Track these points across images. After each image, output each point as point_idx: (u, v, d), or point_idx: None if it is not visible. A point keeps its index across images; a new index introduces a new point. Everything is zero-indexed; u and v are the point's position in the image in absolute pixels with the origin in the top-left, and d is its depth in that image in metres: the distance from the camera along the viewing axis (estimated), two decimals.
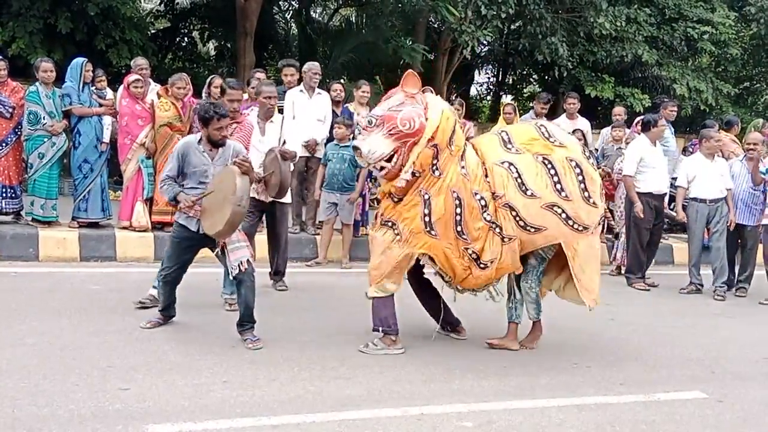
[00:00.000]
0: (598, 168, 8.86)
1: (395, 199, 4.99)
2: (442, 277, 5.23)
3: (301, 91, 8.48)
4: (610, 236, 9.38)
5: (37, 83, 7.69)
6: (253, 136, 6.24)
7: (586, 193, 5.04)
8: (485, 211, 4.92)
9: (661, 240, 10.18)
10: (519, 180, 4.96)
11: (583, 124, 9.95)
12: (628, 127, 9.75)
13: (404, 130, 4.81)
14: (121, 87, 8.25)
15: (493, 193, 4.96)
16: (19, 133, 7.68)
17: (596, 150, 9.66)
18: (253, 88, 8.59)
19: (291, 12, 18.11)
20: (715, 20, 15.48)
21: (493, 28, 13.52)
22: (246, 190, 4.92)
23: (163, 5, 17.84)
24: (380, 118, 4.90)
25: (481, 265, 5.01)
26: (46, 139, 7.64)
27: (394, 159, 4.86)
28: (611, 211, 9.33)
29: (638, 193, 8.17)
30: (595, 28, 14.11)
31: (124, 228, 7.90)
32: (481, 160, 5.06)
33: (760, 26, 16.17)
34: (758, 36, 16.99)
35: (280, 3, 17.67)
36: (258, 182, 5.75)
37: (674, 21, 15.75)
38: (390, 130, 4.82)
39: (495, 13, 12.96)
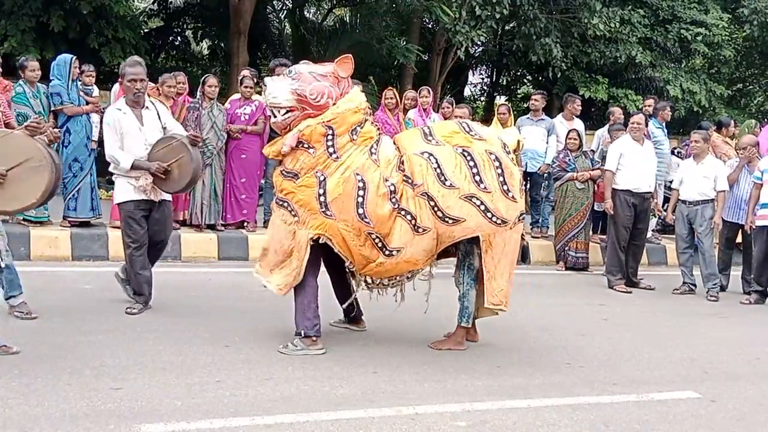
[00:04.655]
0: (597, 169, 8.97)
1: (285, 173, 4.93)
2: (344, 263, 5.11)
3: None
4: (604, 237, 9.40)
5: (21, 82, 7.62)
6: (131, 126, 5.66)
7: (505, 187, 4.97)
8: (393, 197, 4.85)
9: (657, 242, 10.25)
10: (438, 170, 4.90)
11: (578, 124, 10.00)
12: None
13: (309, 99, 4.86)
14: (117, 87, 8.21)
15: (412, 182, 4.90)
16: None
17: (592, 151, 9.69)
18: (247, 88, 8.61)
19: (285, 12, 18.12)
20: (709, 22, 15.56)
21: (487, 28, 13.56)
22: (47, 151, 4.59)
23: (156, 4, 17.84)
24: (299, 74, 4.95)
25: (386, 252, 4.90)
26: None
27: (288, 115, 4.89)
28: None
29: (615, 189, 8.23)
30: (589, 29, 14.17)
31: (116, 227, 7.85)
32: (400, 152, 5.03)
33: (753, 28, 16.25)
34: (751, 38, 17.09)
35: (274, 3, 17.67)
36: (154, 176, 5.51)
37: (668, 22, 15.83)
38: (298, 89, 4.86)
39: (489, 13, 13.00)
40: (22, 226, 7.59)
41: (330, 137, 4.86)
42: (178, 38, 18.72)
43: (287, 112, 4.90)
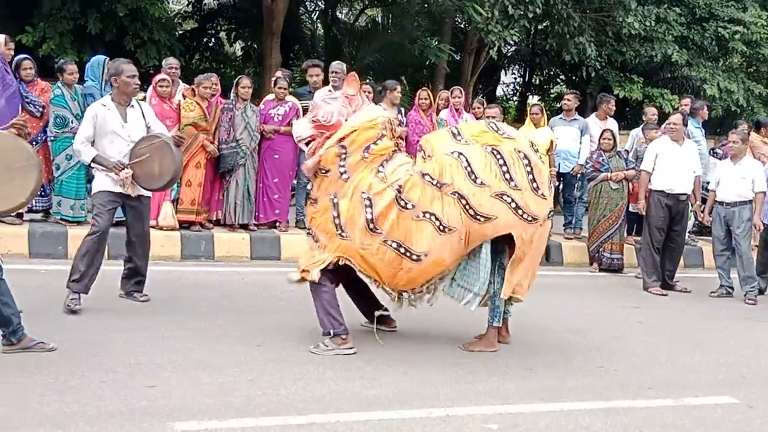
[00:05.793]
0: (632, 169, 8.87)
1: (310, 200, 5.21)
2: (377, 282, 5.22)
3: (330, 90, 8.49)
4: (639, 238, 9.28)
5: (59, 84, 7.73)
6: (113, 121, 5.71)
7: (534, 184, 5.01)
8: (400, 198, 4.89)
9: (693, 243, 10.08)
10: (468, 169, 4.94)
11: (612, 124, 9.90)
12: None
13: (322, 121, 5.14)
14: (150, 87, 8.33)
15: (438, 182, 4.94)
16: (48, 132, 7.74)
17: (626, 151, 9.57)
18: (281, 89, 8.65)
19: (317, 12, 18.17)
20: (747, 20, 15.26)
21: (520, 27, 13.45)
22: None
23: (190, 6, 18.03)
24: (314, 105, 5.42)
25: (414, 257, 4.92)
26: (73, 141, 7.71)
27: (311, 144, 5.20)
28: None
29: (650, 189, 8.16)
30: (624, 27, 13.99)
31: (151, 227, 7.93)
32: (426, 152, 5.13)
33: None
34: None
35: (307, 3, 17.74)
36: (119, 173, 5.57)
37: (705, 20, 15.57)
38: (313, 117, 5.23)
39: (522, 12, 12.90)
40: (60, 225, 7.72)
41: (343, 156, 5.00)
42: (212, 40, 18.90)
43: (309, 142, 5.20)
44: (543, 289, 5.85)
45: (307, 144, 5.24)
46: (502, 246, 5.14)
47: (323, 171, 5.06)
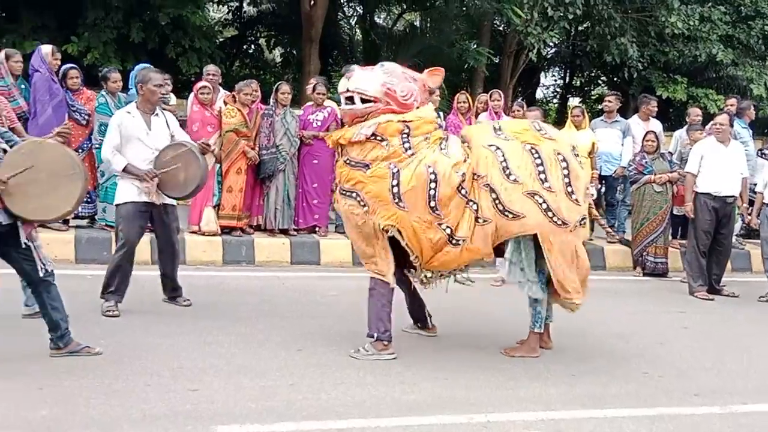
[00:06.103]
0: (675, 171, 8.71)
1: (352, 163, 4.91)
2: (409, 258, 5.07)
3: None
4: (684, 242, 9.11)
5: (103, 93, 7.87)
6: (138, 129, 5.75)
7: (569, 188, 4.94)
8: (462, 188, 4.84)
9: (740, 247, 9.85)
10: (504, 164, 4.91)
11: (656, 125, 9.73)
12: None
13: (397, 95, 4.84)
14: (192, 94, 8.45)
15: (474, 173, 4.90)
16: (92, 140, 7.89)
17: (669, 153, 9.40)
18: (319, 94, 8.70)
19: (355, 18, 18.28)
20: None
21: (559, 29, 13.36)
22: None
23: (230, 14, 18.28)
24: (392, 71, 4.97)
25: (453, 241, 4.90)
26: None
27: (370, 105, 4.83)
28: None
29: (696, 192, 7.98)
30: (667, 27, 13.79)
31: (193, 232, 8.06)
32: (468, 145, 5.06)
33: None
34: None
35: (345, 9, 17.85)
36: (151, 180, 5.59)
37: (751, 19, 15.27)
38: (389, 83, 4.84)
39: (562, 14, 12.79)
40: (105, 231, 7.85)
41: (405, 135, 4.87)
42: (252, 47, 19.14)
43: (369, 102, 4.85)
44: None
45: (362, 101, 4.83)
46: (542, 252, 5.09)
47: (377, 138, 4.85)
